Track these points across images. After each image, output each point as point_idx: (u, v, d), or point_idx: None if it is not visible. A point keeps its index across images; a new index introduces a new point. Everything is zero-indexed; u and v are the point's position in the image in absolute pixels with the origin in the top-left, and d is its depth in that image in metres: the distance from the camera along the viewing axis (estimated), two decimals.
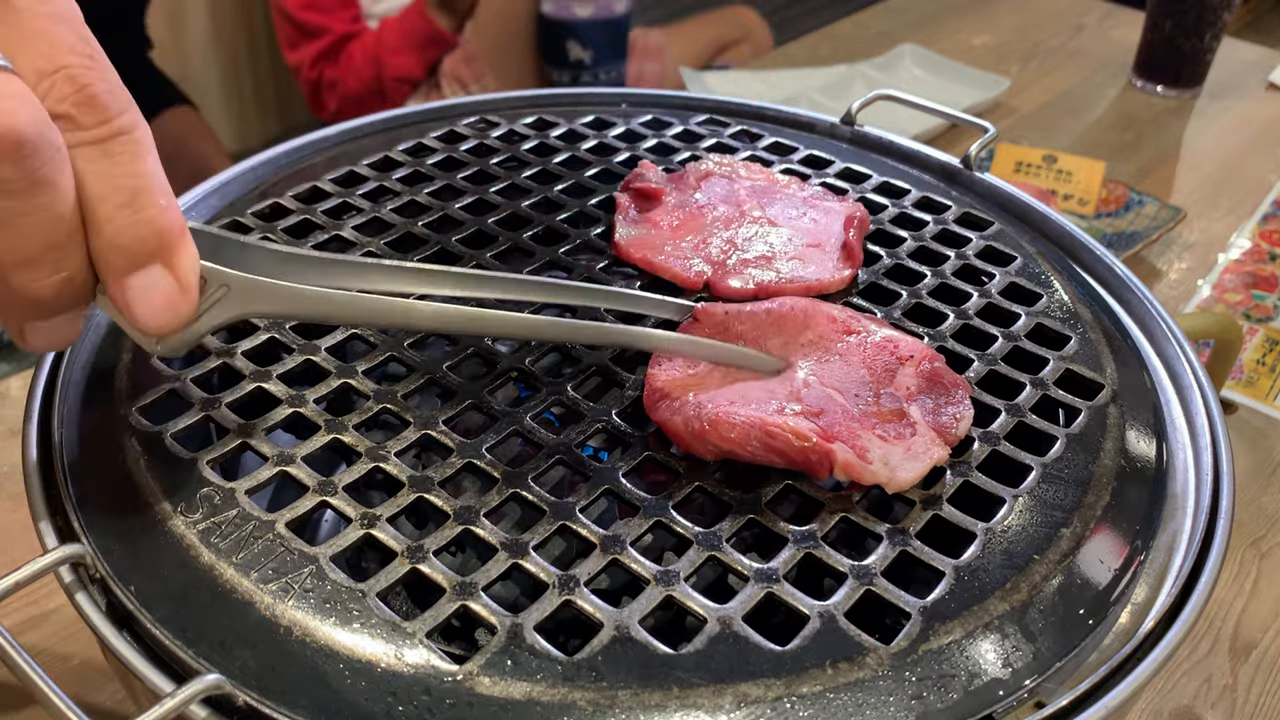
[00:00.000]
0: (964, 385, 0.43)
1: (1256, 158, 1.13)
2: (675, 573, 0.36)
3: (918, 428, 0.40)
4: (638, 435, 0.41)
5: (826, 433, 0.39)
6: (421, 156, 0.59)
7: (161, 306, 0.34)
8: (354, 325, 0.45)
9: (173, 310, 0.34)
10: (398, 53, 1.59)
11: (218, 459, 0.40)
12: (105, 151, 0.32)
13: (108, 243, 0.32)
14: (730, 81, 1.29)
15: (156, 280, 0.33)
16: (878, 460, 0.39)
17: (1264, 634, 0.62)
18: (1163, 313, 0.51)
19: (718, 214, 0.53)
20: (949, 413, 0.41)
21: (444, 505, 0.38)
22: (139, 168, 0.32)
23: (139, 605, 0.36)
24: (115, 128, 0.32)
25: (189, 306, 0.34)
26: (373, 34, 1.62)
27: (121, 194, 0.32)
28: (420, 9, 1.57)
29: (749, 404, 0.40)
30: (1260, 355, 0.85)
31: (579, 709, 0.32)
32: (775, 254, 0.50)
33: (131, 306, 0.33)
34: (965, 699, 0.34)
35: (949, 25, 1.43)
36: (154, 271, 0.33)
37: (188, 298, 0.34)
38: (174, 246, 0.33)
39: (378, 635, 0.34)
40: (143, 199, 0.32)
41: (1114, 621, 0.38)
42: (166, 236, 0.33)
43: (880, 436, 0.40)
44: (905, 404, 0.41)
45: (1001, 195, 0.59)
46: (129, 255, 0.33)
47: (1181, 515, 0.42)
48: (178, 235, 0.34)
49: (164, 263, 0.33)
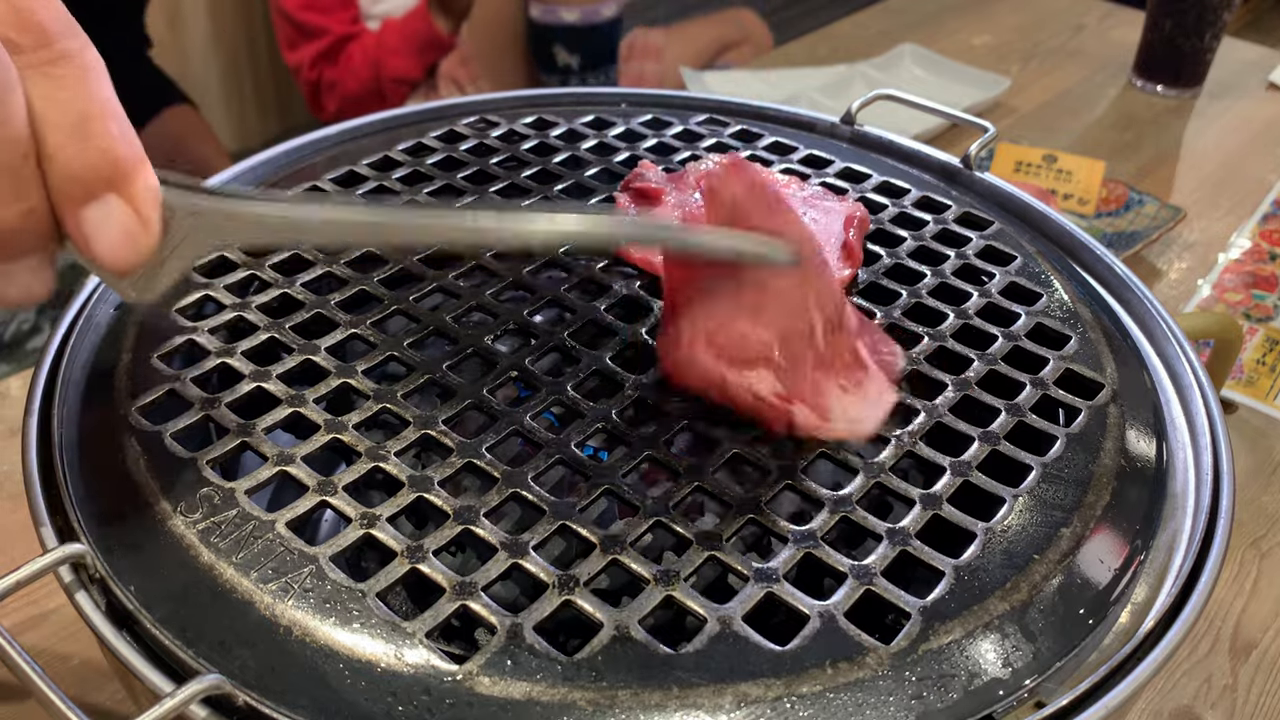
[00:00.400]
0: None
1: (1256, 158, 1.13)
2: (675, 573, 0.36)
3: (869, 371, 0.40)
4: (638, 435, 0.41)
5: (785, 395, 0.39)
6: (421, 156, 0.59)
7: (119, 239, 0.32)
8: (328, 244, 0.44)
9: (131, 242, 0.32)
10: (398, 54, 1.59)
11: (217, 459, 0.40)
12: (48, 75, 0.30)
13: (60, 172, 0.31)
14: (730, 81, 1.29)
15: (112, 210, 0.32)
16: (839, 417, 0.39)
17: (1264, 634, 0.62)
18: (1163, 312, 0.51)
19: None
20: (883, 350, 0.41)
21: (444, 505, 0.38)
22: (85, 91, 0.31)
23: (139, 605, 0.36)
24: (58, 51, 0.30)
25: (149, 239, 0.32)
26: (372, 35, 1.62)
27: (69, 119, 0.30)
28: (423, 12, 1.58)
29: (717, 344, 0.39)
30: (1260, 355, 0.85)
31: (579, 709, 0.32)
32: None
33: (88, 240, 0.32)
34: (965, 699, 0.34)
35: (949, 25, 1.43)
36: (109, 201, 0.31)
37: (147, 229, 0.32)
38: (129, 174, 0.32)
39: (377, 635, 0.34)
40: (93, 125, 0.31)
41: (1114, 621, 0.38)
42: (121, 164, 0.31)
43: (841, 388, 0.39)
44: (857, 342, 0.41)
45: (1001, 195, 0.59)
46: (82, 184, 0.31)
47: (1181, 515, 0.42)
48: (133, 163, 0.32)
49: (119, 192, 0.32)
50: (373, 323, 0.46)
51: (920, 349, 0.46)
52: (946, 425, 0.42)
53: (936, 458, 0.41)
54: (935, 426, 0.42)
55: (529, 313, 0.48)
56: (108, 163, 0.31)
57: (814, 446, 0.41)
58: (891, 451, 0.41)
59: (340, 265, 0.50)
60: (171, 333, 0.45)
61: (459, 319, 0.47)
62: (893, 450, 0.41)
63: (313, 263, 0.50)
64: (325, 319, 0.47)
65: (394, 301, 0.48)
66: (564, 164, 0.59)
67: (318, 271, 0.50)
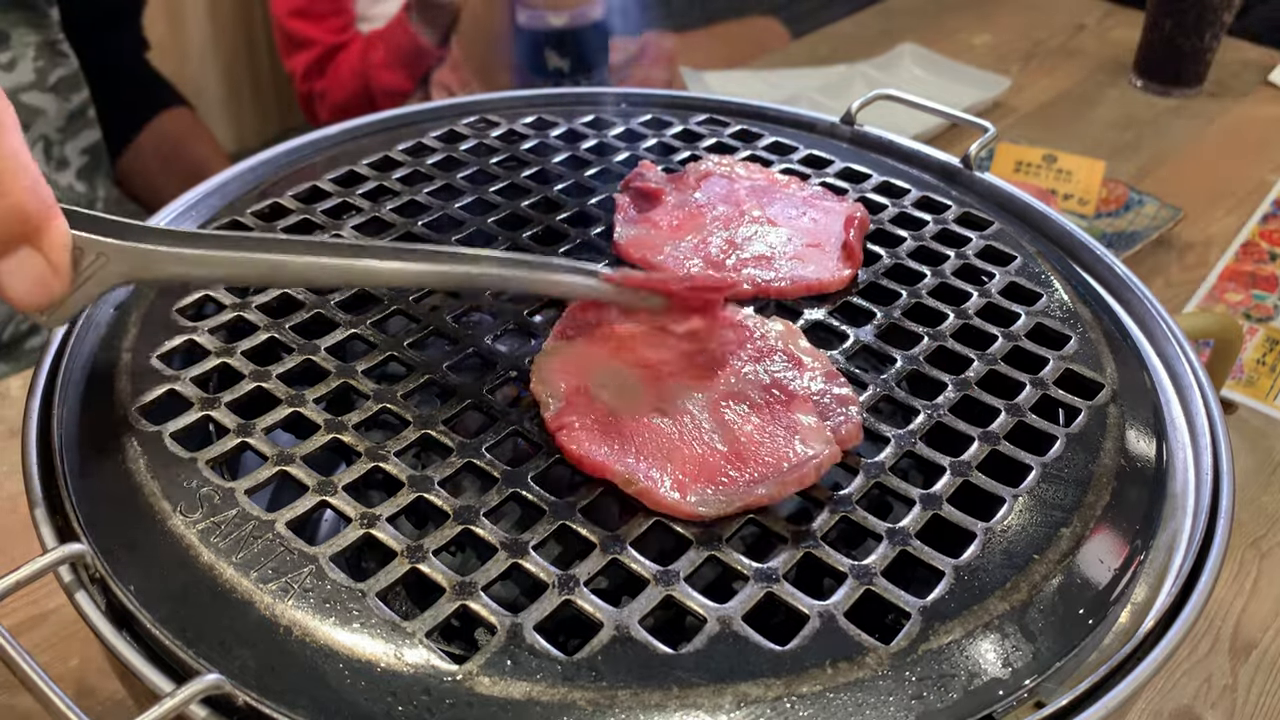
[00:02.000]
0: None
1: (1256, 158, 1.13)
2: (675, 572, 0.36)
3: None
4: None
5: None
6: (421, 156, 0.59)
7: (32, 286, 0.34)
8: (229, 281, 0.46)
9: (44, 288, 0.35)
10: (386, 69, 1.58)
11: (217, 459, 0.40)
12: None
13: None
14: (730, 81, 1.29)
15: (24, 261, 0.34)
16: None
17: (1264, 634, 0.62)
18: (1163, 312, 0.51)
19: (717, 214, 0.53)
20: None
21: (444, 505, 0.38)
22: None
23: (139, 605, 0.36)
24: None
25: (61, 284, 0.35)
26: (360, 44, 1.61)
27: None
28: (403, 22, 1.57)
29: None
30: (1260, 355, 0.85)
31: (579, 709, 0.32)
32: (775, 254, 0.50)
33: (4, 288, 0.34)
34: (965, 699, 0.34)
35: (949, 25, 1.43)
36: (21, 253, 0.34)
37: (59, 275, 0.35)
38: (40, 228, 0.34)
39: (377, 635, 0.34)
40: (3, 181, 0.33)
41: (1114, 621, 0.38)
42: (33, 219, 0.34)
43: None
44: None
45: (1001, 195, 0.59)
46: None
47: (1181, 515, 0.42)
48: (44, 215, 0.34)
49: (32, 244, 0.34)
50: (373, 323, 0.46)
51: (920, 349, 0.46)
52: (946, 425, 0.42)
53: (936, 458, 0.41)
54: (935, 426, 0.42)
55: (529, 313, 0.48)
56: (18, 219, 0.33)
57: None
58: (891, 451, 0.41)
59: None
60: (171, 333, 0.45)
61: (459, 319, 0.47)
62: (893, 450, 0.41)
63: None
64: (325, 319, 0.47)
65: (394, 301, 0.48)
66: (564, 164, 0.59)
67: None
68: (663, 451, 0.39)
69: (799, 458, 0.39)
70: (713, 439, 0.40)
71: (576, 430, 0.40)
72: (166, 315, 0.46)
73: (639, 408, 0.41)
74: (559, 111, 0.64)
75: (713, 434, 0.40)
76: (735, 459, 0.39)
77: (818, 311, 0.48)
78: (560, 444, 0.40)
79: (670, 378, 0.43)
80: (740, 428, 0.40)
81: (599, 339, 0.44)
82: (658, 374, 0.43)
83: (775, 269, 0.49)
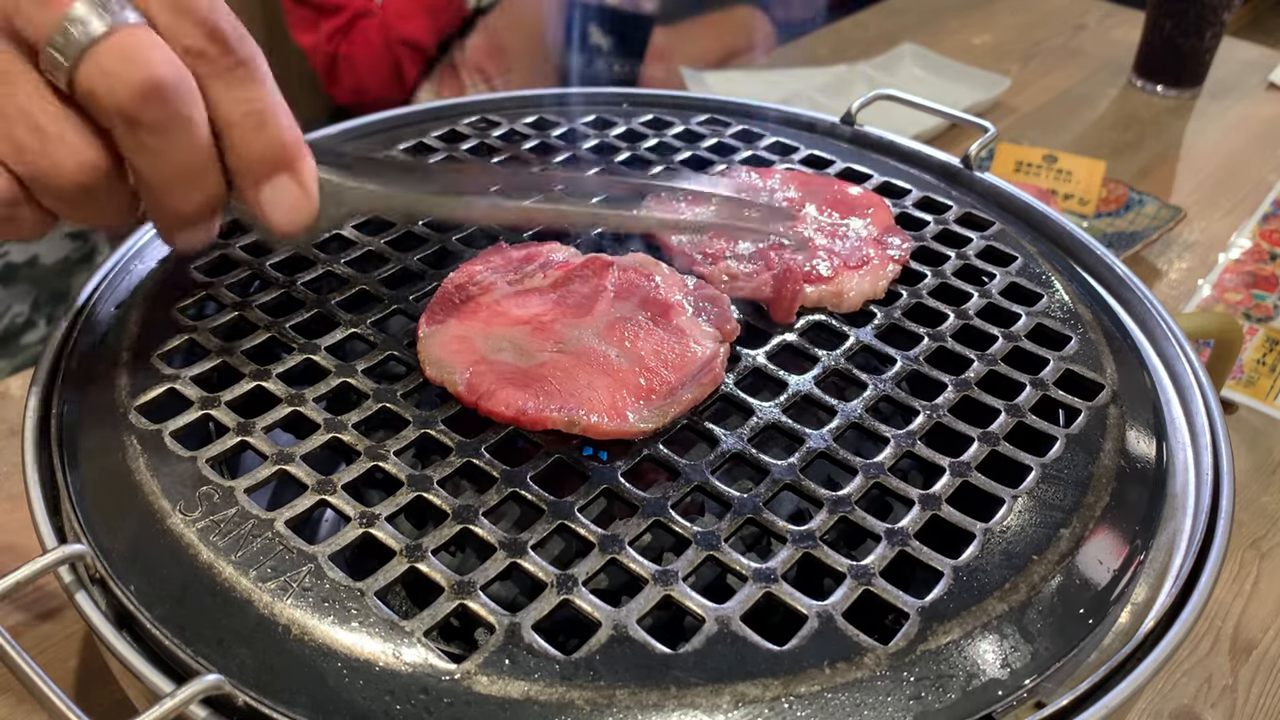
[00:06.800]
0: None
1: (1256, 158, 1.13)
2: (673, 572, 0.36)
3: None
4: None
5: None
6: (422, 156, 0.59)
7: (290, 211, 0.39)
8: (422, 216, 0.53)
9: (298, 213, 0.40)
10: (407, 17, 1.60)
11: (217, 457, 0.40)
12: (233, 80, 0.37)
13: (242, 160, 0.38)
14: (730, 81, 1.29)
15: (285, 188, 0.39)
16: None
17: (1264, 634, 0.62)
18: (1163, 313, 0.51)
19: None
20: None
21: (443, 504, 0.38)
22: (262, 92, 0.37)
23: (138, 605, 0.36)
24: (239, 58, 0.37)
25: (312, 208, 0.40)
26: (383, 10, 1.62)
27: (251, 117, 0.37)
28: None
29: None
30: (1260, 355, 0.85)
31: (577, 708, 0.32)
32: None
33: (266, 212, 0.39)
34: (964, 699, 0.34)
35: (949, 25, 1.43)
36: (281, 181, 0.39)
37: (310, 201, 0.40)
38: (295, 158, 0.39)
39: (376, 634, 0.34)
40: (268, 119, 0.38)
41: (1114, 621, 0.38)
42: (290, 150, 0.39)
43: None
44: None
45: (1002, 195, 0.59)
46: (260, 168, 0.38)
47: (1181, 515, 0.42)
48: (299, 148, 0.39)
49: (289, 173, 0.39)
50: (373, 322, 0.46)
51: (921, 349, 0.46)
52: (946, 425, 0.42)
53: (936, 458, 0.41)
54: (935, 426, 0.42)
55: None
56: (280, 150, 0.38)
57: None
58: (891, 452, 0.41)
59: (340, 265, 0.50)
60: (172, 331, 0.45)
61: None
62: (892, 450, 0.41)
63: (313, 262, 0.50)
64: (325, 318, 0.47)
65: (394, 301, 0.48)
66: (565, 164, 0.59)
67: (318, 271, 0.50)
68: (585, 385, 0.41)
69: (702, 356, 0.43)
70: (621, 362, 0.42)
71: (497, 393, 0.41)
72: (167, 314, 0.46)
73: (542, 356, 0.43)
74: (559, 111, 0.64)
75: (620, 358, 0.43)
76: (649, 373, 0.42)
77: (817, 312, 0.48)
78: (487, 411, 0.41)
79: (554, 323, 0.45)
80: (639, 345, 0.43)
81: (468, 314, 0.45)
82: (540, 324, 0.45)
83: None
